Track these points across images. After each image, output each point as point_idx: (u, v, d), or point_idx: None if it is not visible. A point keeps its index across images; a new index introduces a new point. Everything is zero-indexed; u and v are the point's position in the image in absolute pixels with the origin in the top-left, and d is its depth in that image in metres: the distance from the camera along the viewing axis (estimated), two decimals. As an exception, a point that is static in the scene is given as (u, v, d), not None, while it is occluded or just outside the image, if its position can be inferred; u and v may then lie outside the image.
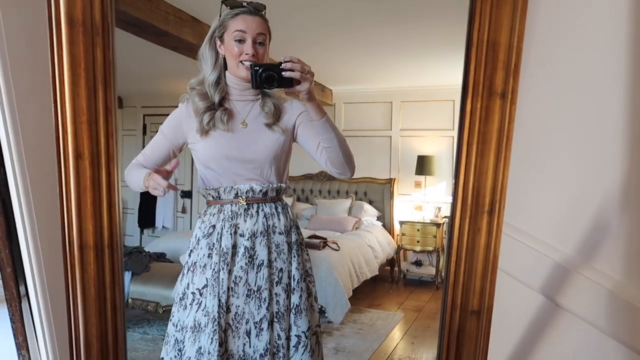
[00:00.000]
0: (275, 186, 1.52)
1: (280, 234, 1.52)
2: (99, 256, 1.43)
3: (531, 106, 1.42)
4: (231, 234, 1.47)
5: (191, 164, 2.62)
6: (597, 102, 1.40)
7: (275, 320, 1.49)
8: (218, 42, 1.48)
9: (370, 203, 4.07)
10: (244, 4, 1.45)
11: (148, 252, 3.02)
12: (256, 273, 1.48)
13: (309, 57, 1.37)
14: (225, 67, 1.50)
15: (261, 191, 1.50)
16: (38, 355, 1.60)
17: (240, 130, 1.50)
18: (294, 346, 1.51)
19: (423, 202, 3.80)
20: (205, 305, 1.46)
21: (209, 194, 1.53)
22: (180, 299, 1.51)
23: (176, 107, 1.56)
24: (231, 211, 1.49)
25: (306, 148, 1.56)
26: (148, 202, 3.45)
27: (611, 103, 1.37)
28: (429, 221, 3.68)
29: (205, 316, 1.45)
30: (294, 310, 1.52)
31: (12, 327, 1.58)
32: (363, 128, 4.01)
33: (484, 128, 1.35)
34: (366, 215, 3.96)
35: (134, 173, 1.50)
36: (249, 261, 1.47)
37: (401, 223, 3.75)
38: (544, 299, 1.49)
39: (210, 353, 1.41)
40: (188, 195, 3.51)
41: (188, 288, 1.50)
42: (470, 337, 1.43)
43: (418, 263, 3.74)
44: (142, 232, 3.49)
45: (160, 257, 3.05)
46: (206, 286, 1.47)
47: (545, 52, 1.42)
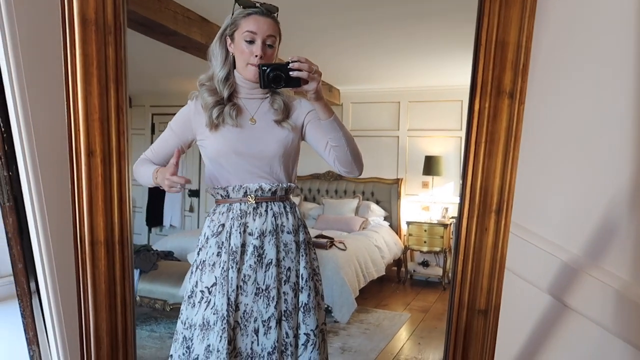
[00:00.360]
0: (284, 185, 1.53)
1: (288, 233, 1.52)
2: (110, 252, 1.45)
3: (539, 106, 1.42)
4: (240, 233, 1.48)
5: (199, 163, 2.63)
6: (606, 102, 1.40)
7: (283, 318, 1.49)
8: (229, 40, 1.49)
9: (377, 203, 4.06)
10: (257, 5, 1.46)
11: (156, 250, 3.03)
12: (265, 272, 1.48)
13: (318, 58, 1.38)
14: (234, 65, 1.51)
15: (270, 190, 1.50)
16: (48, 350, 1.62)
17: (249, 126, 1.51)
18: (303, 344, 1.51)
19: (430, 203, 3.78)
20: (214, 303, 1.47)
21: (218, 193, 1.53)
22: (188, 297, 1.52)
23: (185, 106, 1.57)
24: (240, 210, 1.50)
25: (314, 147, 1.56)
26: (156, 201, 3.46)
27: (620, 103, 1.37)
28: (436, 222, 3.66)
29: (214, 314, 1.46)
30: (303, 308, 1.52)
31: (23, 322, 1.60)
32: (370, 128, 4.00)
33: (492, 128, 1.36)
34: (373, 215, 3.95)
35: (143, 168, 1.52)
36: (258, 260, 1.48)
37: (408, 223, 3.74)
38: (551, 299, 1.49)
39: (219, 351, 1.42)
40: (196, 194, 3.52)
41: (197, 286, 1.51)
42: (477, 336, 1.43)
43: (425, 264, 3.73)
44: (150, 231, 3.50)
45: (167, 256, 3.06)
46: (215, 284, 1.48)
47: (554, 52, 1.41)
